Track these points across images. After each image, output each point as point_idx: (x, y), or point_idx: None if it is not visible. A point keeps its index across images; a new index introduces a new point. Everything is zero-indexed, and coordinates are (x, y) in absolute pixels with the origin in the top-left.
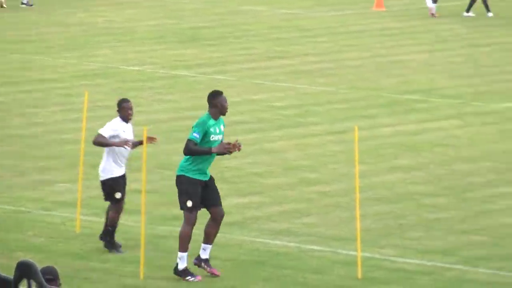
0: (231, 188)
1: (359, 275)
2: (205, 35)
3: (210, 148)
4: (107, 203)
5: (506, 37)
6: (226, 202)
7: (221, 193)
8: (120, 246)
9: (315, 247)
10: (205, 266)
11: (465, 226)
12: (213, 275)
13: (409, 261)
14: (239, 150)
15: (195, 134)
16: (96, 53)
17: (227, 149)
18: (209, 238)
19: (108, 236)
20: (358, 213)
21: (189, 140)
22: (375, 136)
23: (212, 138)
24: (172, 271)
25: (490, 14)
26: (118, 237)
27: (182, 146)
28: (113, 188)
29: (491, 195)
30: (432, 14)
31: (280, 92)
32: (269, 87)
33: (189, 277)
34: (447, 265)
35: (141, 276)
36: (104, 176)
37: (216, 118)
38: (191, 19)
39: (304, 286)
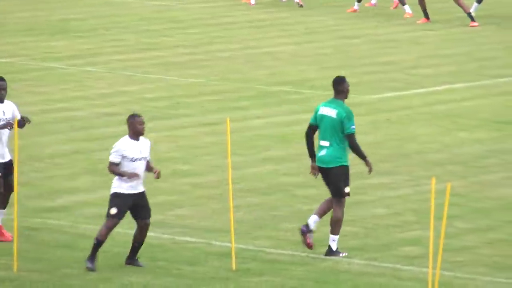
0: (104, 180)
1: (234, 267)
2: (76, 27)
3: None
4: None
5: (374, 29)
6: (98, 195)
7: (93, 185)
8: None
9: (188, 239)
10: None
11: None
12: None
13: (283, 252)
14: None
15: None
16: None
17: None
18: None
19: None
20: (231, 204)
21: None
22: (247, 128)
23: None
24: (46, 264)
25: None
26: None
27: (53, 138)
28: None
29: (362, 186)
30: (299, 4)
31: (150, 84)
32: (140, 79)
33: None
34: (321, 256)
35: (15, 268)
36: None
37: None
38: (61, 11)
39: (178, 277)
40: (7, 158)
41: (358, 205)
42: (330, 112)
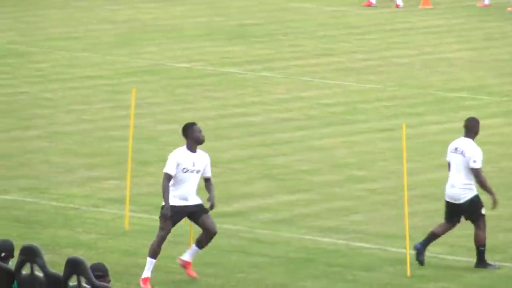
0: (279, 186)
1: (408, 273)
2: (253, 32)
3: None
4: (156, 200)
5: None
6: (274, 199)
7: (268, 190)
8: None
9: (363, 245)
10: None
11: None
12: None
13: (457, 259)
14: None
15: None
16: (143, 50)
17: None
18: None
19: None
20: (406, 210)
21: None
22: (423, 134)
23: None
24: (221, 269)
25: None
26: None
27: (230, 143)
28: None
29: None
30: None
31: (328, 90)
32: (317, 84)
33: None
34: (496, 263)
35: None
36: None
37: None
38: (238, 16)
39: (353, 283)
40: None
41: None
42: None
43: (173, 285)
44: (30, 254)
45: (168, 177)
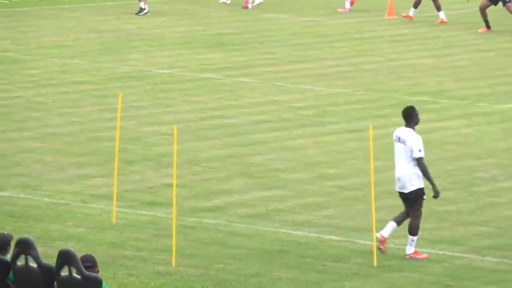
0: (255, 182)
1: (375, 263)
2: (230, 41)
3: None
4: (139, 196)
5: (508, 43)
6: (250, 196)
7: (245, 187)
8: None
9: (333, 237)
10: None
11: (473, 218)
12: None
13: (421, 250)
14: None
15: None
16: (128, 57)
17: None
18: None
19: None
20: (373, 205)
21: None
22: (389, 134)
23: None
24: (201, 260)
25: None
26: (150, 228)
27: (209, 143)
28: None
29: (496, 189)
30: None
31: (300, 94)
32: (290, 89)
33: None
34: (457, 254)
35: (173, 263)
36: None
37: None
38: (217, 26)
39: (324, 273)
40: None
41: (492, 206)
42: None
43: (158, 275)
44: (25, 247)
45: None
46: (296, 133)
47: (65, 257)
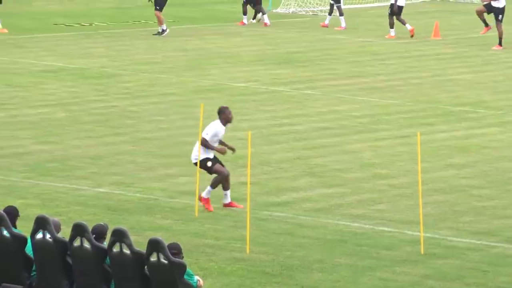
0: (319, 181)
1: (422, 251)
2: (298, 58)
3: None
4: (219, 193)
5: None
6: (314, 192)
7: (310, 184)
8: None
9: (385, 229)
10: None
11: (507, 212)
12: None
13: (462, 240)
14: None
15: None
16: (209, 72)
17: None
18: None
19: None
20: (420, 201)
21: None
22: (434, 140)
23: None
24: (271, 248)
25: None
26: (228, 220)
27: (279, 147)
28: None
29: None
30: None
31: (357, 104)
32: (348, 100)
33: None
34: (493, 243)
35: (247, 251)
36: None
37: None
38: (286, 45)
39: (377, 259)
40: None
41: None
42: None
43: (234, 260)
44: (120, 236)
45: None
46: (353, 138)
47: (154, 245)
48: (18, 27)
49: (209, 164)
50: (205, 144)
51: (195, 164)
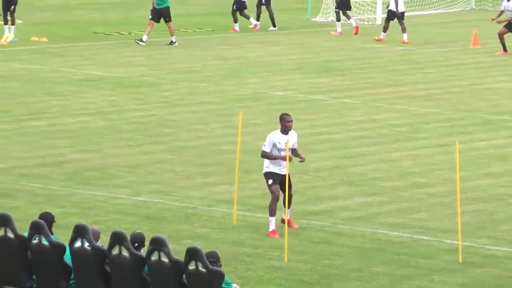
0: (357, 190)
1: (460, 260)
2: (336, 67)
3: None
4: (257, 201)
5: None
6: (353, 201)
7: (348, 193)
8: None
9: (424, 237)
10: None
11: None
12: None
13: (500, 249)
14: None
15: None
16: (248, 81)
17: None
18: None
19: None
20: (459, 210)
21: None
22: (472, 149)
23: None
24: (309, 256)
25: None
26: (266, 229)
27: (318, 155)
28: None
29: None
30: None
31: (395, 113)
32: (387, 109)
33: None
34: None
35: (285, 259)
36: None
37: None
38: (324, 54)
39: (416, 268)
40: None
41: None
42: None
43: (272, 269)
44: (158, 244)
45: None
46: (392, 147)
47: (192, 253)
48: (58, 35)
49: (270, 182)
50: (263, 155)
51: (283, 175)
